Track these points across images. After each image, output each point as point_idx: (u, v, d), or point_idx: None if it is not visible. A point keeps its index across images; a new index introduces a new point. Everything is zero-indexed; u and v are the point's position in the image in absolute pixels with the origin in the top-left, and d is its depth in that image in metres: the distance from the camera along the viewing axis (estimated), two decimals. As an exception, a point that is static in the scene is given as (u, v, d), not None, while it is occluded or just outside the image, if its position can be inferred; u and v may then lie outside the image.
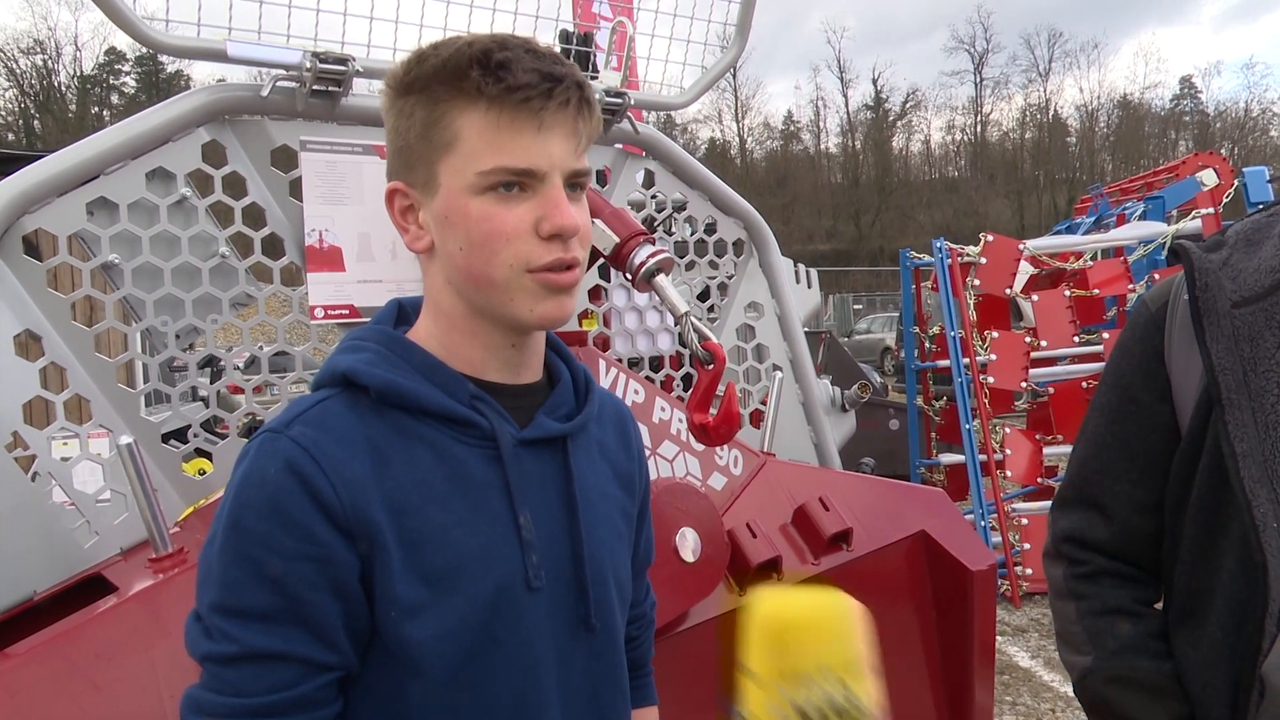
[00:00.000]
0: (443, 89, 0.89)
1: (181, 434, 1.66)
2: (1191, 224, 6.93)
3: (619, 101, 2.07)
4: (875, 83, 52.37)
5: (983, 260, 6.09)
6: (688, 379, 2.28)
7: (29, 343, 1.53)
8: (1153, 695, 1.12)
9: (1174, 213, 8.15)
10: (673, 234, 2.30)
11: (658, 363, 2.27)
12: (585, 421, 1.02)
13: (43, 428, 1.52)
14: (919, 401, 7.03)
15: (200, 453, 1.71)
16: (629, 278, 1.69)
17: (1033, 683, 4.61)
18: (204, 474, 1.68)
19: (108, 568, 1.50)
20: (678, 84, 2.31)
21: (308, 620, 0.84)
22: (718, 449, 1.94)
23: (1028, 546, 5.67)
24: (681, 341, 2.23)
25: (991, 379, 5.88)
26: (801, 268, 2.53)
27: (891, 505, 2.05)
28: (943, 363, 6.36)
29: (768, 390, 2.28)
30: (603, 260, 1.73)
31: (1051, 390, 6.10)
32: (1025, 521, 5.76)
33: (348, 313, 1.83)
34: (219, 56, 1.72)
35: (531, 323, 0.93)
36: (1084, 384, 5.98)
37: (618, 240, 1.68)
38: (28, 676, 1.23)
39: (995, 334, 5.99)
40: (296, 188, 1.79)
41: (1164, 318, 1.15)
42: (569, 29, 2.47)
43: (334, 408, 0.90)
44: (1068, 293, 6.15)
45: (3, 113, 39.67)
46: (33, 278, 1.54)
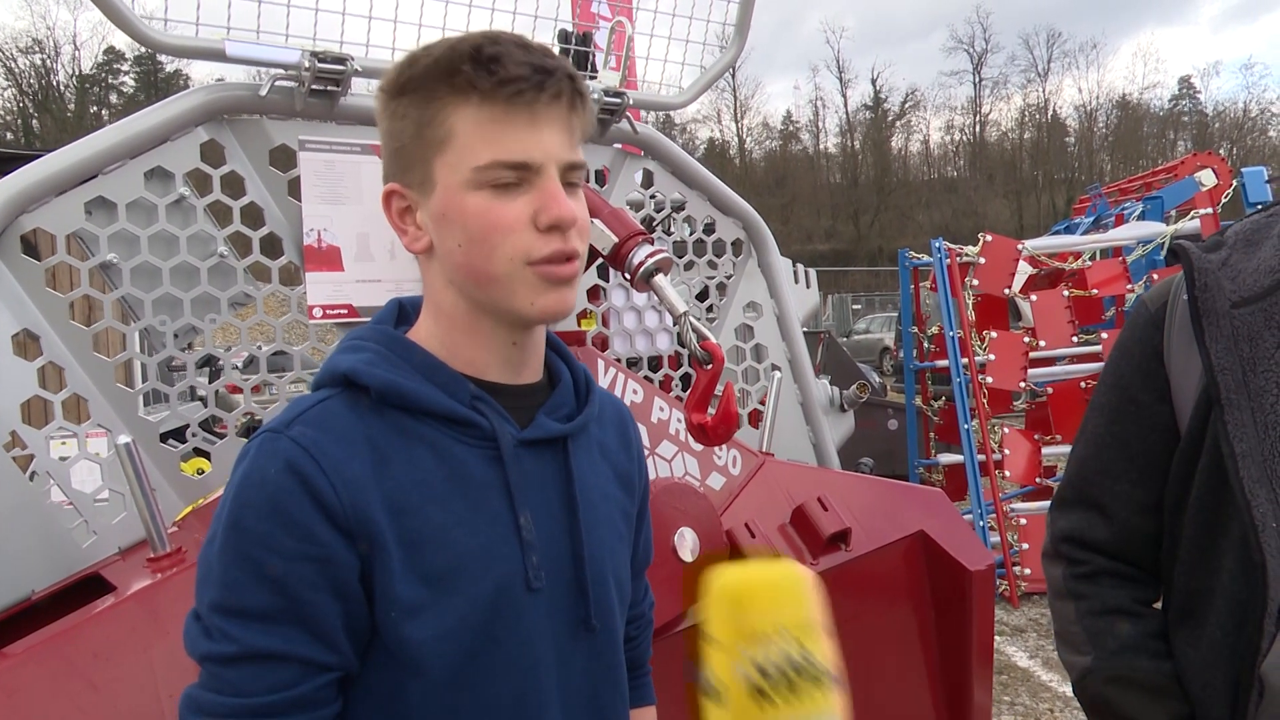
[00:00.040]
0: (436, 87, 0.88)
1: (180, 433, 1.65)
2: (1190, 224, 6.93)
3: (618, 101, 2.07)
4: (874, 83, 52.45)
5: (981, 260, 6.09)
6: (686, 379, 2.28)
7: (27, 342, 1.52)
8: (1152, 695, 1.12)
9: (1172, 213, 8.15)
10: (671, 234, 2.30)
11: (656, 362, 2.27)
12: (586, 422, 1.02)
13: (41, 427, 1.51)
14: (917, 401, 7.04)
15: (199, 452, 1.70)
16: (628, 277, 1.69)
17: (1031, 683, 4.61)
18: (202, 473, 1.67)
19: (106, 567, 1.49)
20: (677, 84, 2.31)
21: (308, 620, 0.84)
22: (716, 449, 1.94)
23: (1026, 546, 5.66)
24: (680, 341, 2.22)
25: (990, 379, 5.88)
26: (800, 268, 2.53)
27: (890, 505, 2.05)
28: (941, 363, 6.37)
29: (766, 390, 2.28)
30: (601, 260, 1.73)
31: (1050, 390, 6.11)
32: (1024, 521, 5.76)
33: (346, 312, 1.83)
34: (217, 56, 1.72)
35: (533, 316, 0.92)
36: (1082, 384, 5.99)
37: (616, 240, 1.68)
38: (25, 676, 1.23)
39: (994, 334, 5.99)
40: (295, 187, 1.78)
41: (1163, 318, 1.16)
42: (568, 29, 2.47)
43: (334, 408, 0.90)
44: (1066, 293, 6.16)
45: (1, 112, 39.69)
46: (31, 277, 1.54)
